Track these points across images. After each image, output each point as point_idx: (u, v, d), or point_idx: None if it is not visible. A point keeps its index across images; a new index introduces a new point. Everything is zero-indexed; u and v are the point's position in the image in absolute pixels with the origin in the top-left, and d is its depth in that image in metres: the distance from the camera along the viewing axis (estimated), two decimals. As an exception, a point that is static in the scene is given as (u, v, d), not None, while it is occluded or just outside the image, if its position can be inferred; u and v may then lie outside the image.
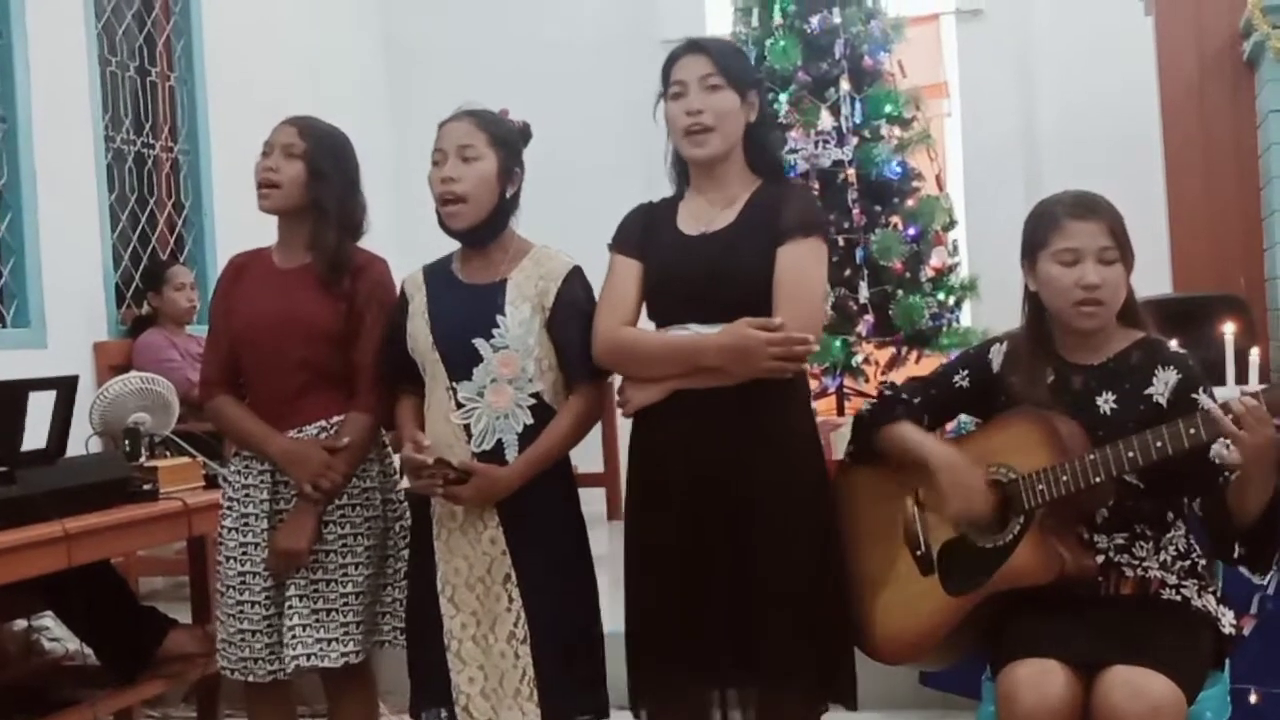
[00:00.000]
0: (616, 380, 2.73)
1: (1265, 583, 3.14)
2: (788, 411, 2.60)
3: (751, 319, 2.48)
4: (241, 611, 2.87)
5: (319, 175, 2.89)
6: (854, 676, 2.63)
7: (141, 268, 5.67)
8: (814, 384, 5.30)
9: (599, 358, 2.65)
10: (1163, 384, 2.47)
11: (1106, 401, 2.49)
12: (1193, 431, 2.30)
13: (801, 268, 2.55)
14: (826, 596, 2.59)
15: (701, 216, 2.65)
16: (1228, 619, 2.50)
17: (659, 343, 2.60)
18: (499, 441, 2.67)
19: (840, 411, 5.25)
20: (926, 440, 2.60)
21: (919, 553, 2.61)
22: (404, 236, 3.41)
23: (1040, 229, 2.53)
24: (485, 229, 2.74)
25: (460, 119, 2.75)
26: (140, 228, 5.82)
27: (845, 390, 5.38)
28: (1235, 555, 2.46)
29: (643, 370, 2.61)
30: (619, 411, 2.68)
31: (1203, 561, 2.52)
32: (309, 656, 2.80)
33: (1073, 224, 2.48)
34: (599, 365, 2.67)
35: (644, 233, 2.68)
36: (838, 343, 5.21)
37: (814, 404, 5.09)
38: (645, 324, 2.68)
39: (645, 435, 2.65)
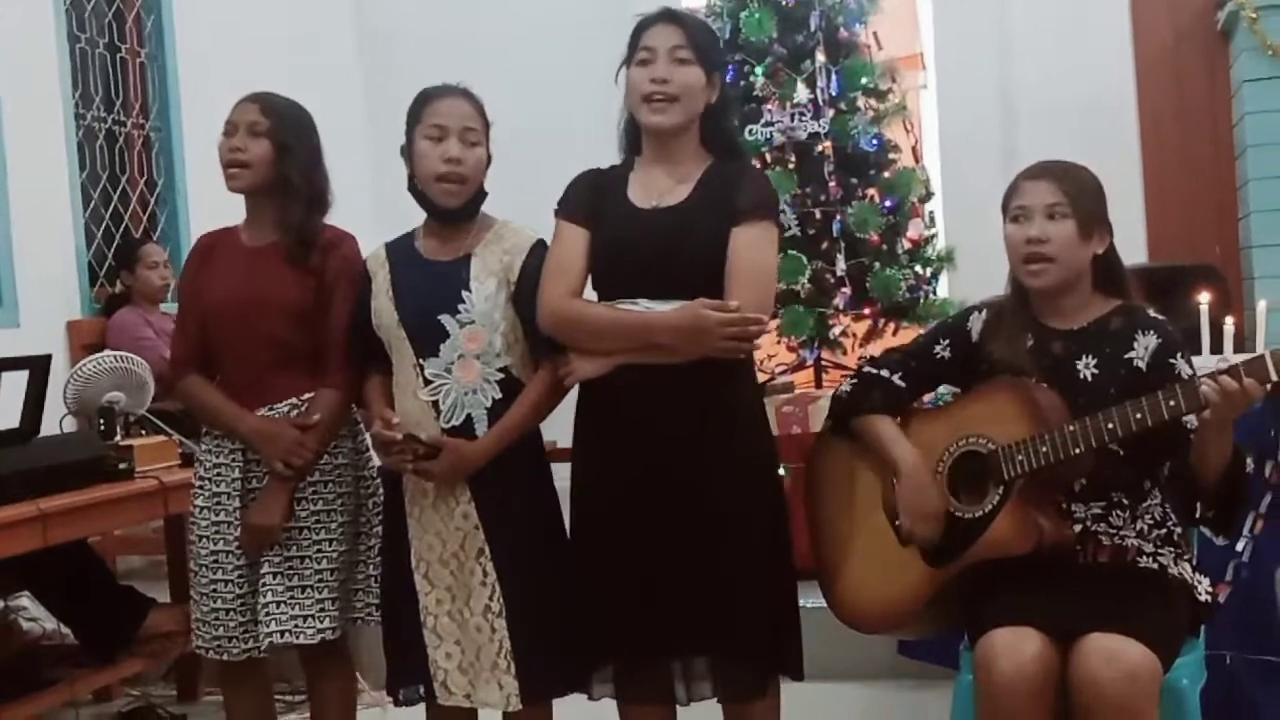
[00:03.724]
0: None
1: (1240, 550, 3.17)
2: (736, 388, 2.60)
3: (707, 300, 2.47)
4: (215, 590, 2.86)
5: (285, 151, 2.87)
6: (800, 648, 2.65)
7: (114, 246, 5.62)
8: (791, 356, 5.29)
9: (545, 327, 2.62)
10: (1143, 348, 2.48)
11: (1086, 366, 2.50)
12: (1172, 403, 2.31)
13: (756, 250, 2.55)
14: (774, 570, 2.60)
15: (653, 189, 2.62)
16: (1203, 586, 2.52)
17: (609, 317, 2.58)
18: (468, 417, 2.66)
19: (818, 384, 5.24)
20: (899, 442, 2.61)
21: (899, 523, 2.61)
22: (381, 213, 3.38)
23: (1006, 195, 2.58)
24: (470, 209, 2.74)
25: (460, 99, 2.73)
26: (112, 205, 5.77)
27: (823, 363, 5.38)
28: (1199, 516, 2.48)
29: (591, 343, 2.59)
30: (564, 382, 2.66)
31: (1178, 530, 2.54)
32: (284, 633, 2.79)
33: (1025, 183, 2.55)
34: (546, 333, 2.63)
35: (592, 200, 2.65)
36: (815, 316, 5.20)
37: (792, 376, 5.13)
38: (590, 294, 2.65)
39: (592, 408, 2.65)
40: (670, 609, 2.54)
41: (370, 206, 4.52)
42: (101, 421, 3.54)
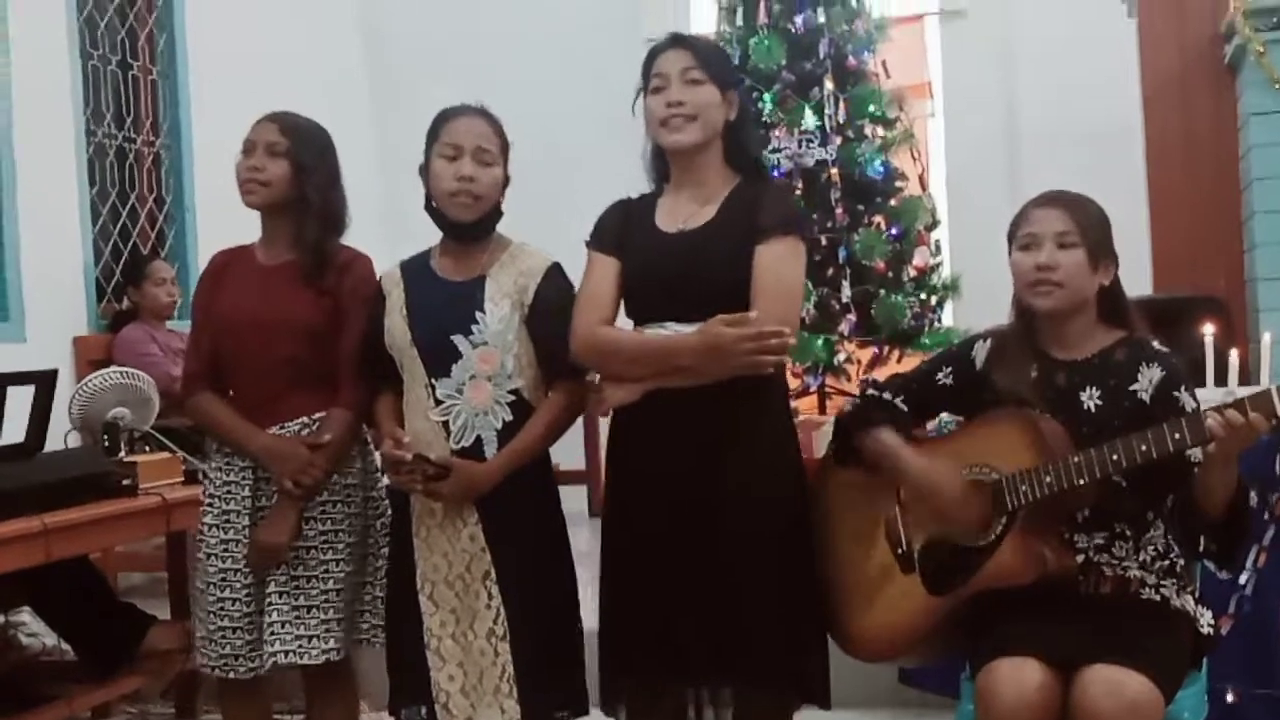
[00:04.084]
0: (598, 378, 2.72)
1: (1243, 583, 3.16)
2: (763, 411, 2.59)
3: (725, 315, 2.47)
4: (222, 609, 2.86)
5: (304, 172, 2.88)
6: (827, 676, 2.63)
7: (122, 262, 5.65)
8: (795, 383, 5.30)
9: (577, 356, 2.64)
10: (1147, 381, 2.48)
11: (1090, 397, 2.50)
12: (1177, 436, 2.31)
13: (779, 266, 2.54)
14: (801, 596, 2.59)
15: (680, 214, 2.63)
16: (1206, 619, 2.52)
17: (635, 342, 2.59)
18: (478, 438, 2.66)
19: (822, 410, 5.25)
20: (904, 453, 2.60)
21: (900, 551, 2.61)
22: (390, 231, 3.39)
23: (1014, 224, 2.59)
24: (485, 224, 2.75)
25: (477, 118, 2.74)
26: (121, 222, 5.79)
27: (827, 389, 5.39)
28: (1202, 549, 2.47)
29: (620, 369, 2.60)
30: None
31: (1181, 562, 2.53)
32: (289, 654, 2.79)
33: (1034, 211, 2.55)
34: (576, 363, 2.66)
35: (622, 230, 2.67)
36: (820, 342, 5.21)
37: (795, 403, 5.13)
38: (625, 322, 2.67)
39: (622, 434, 2.65)
40: (691, 633, 2.52)
41: (377, 224, 4.52)
42: (106, 437, 3.54)
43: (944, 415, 2.85)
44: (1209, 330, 3.35)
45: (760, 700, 2.57)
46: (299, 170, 2.87)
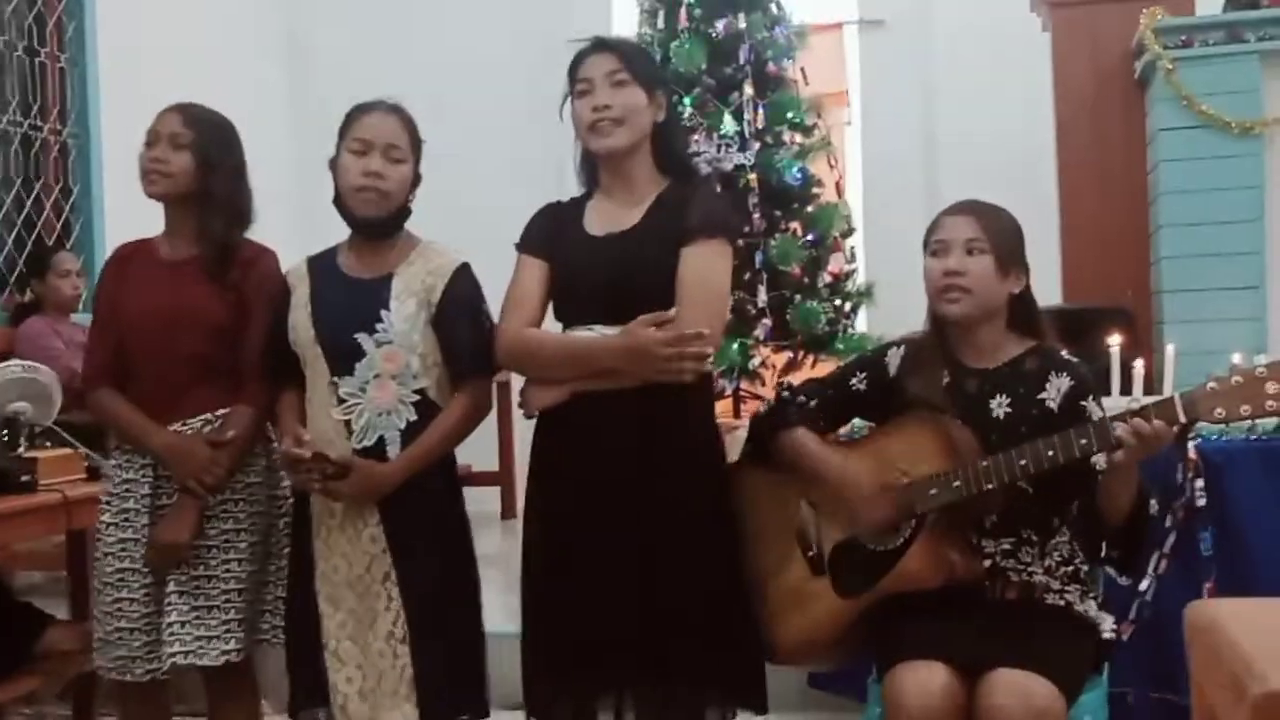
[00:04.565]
0: (516, 381, 2.70)
1: (1144, 589, 3.22)
2: (688, 413, 2.58)
3: (646, 316, 2.47)
4: (119, 609, 2.80)
5: (208, 165, 2.83)
6: (763, 679, 2.63)
7: (26, 253, 5.51)
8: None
9: (502, 358, 2.62)
10: (1055, 390, 2.51)
11: (1000, 405, 2.53)
12: (1084, 441, 2.35)
13: (703, 268, 2.53)
14: (735, 599, 2.58)
15: (609, 217, 2.63)
16: (1108, 624, 2.56)
17: (558, 344, 2.58)
18: (381, 438, 2.63)
19: (737, 414, 5.28)
20: (821, 452, 2.62)
21: (811, 554, 2.62)
22: (304, 228, 3.34)
23: (928, 231, 2.61)
24: (391, 222, 2.72)
25: (387, 114, 2.71)
26: (25, 212, 5.65)
27: (742, 393, 5.41)
28: (1104, 556, 2.52)
29: (543, 372, 2.59)
30: (520, 412, 2.66)
31: (1085, 568, 2.57)
32: (188, 654, 2.74)
33: (946, 219, 2.58)
34: (502, 366, 2.64)
35: (551, 233, 2.65)
36: (735, 346, 5.23)
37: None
38: (555, 325, 2.65)
39: (547, 437, 2.63)
40: (621, 637, 2.50)
41: (291, 220, 4.46)
42: (5, 432, 3.45)
43: (856, 421, 2.87)
44: (1116, 340, 3.41)
45: (692, 703, 2.56)
46: (203, 163, 2.83)
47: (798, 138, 5.69)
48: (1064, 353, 2.58)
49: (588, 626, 2.51)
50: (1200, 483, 3.22)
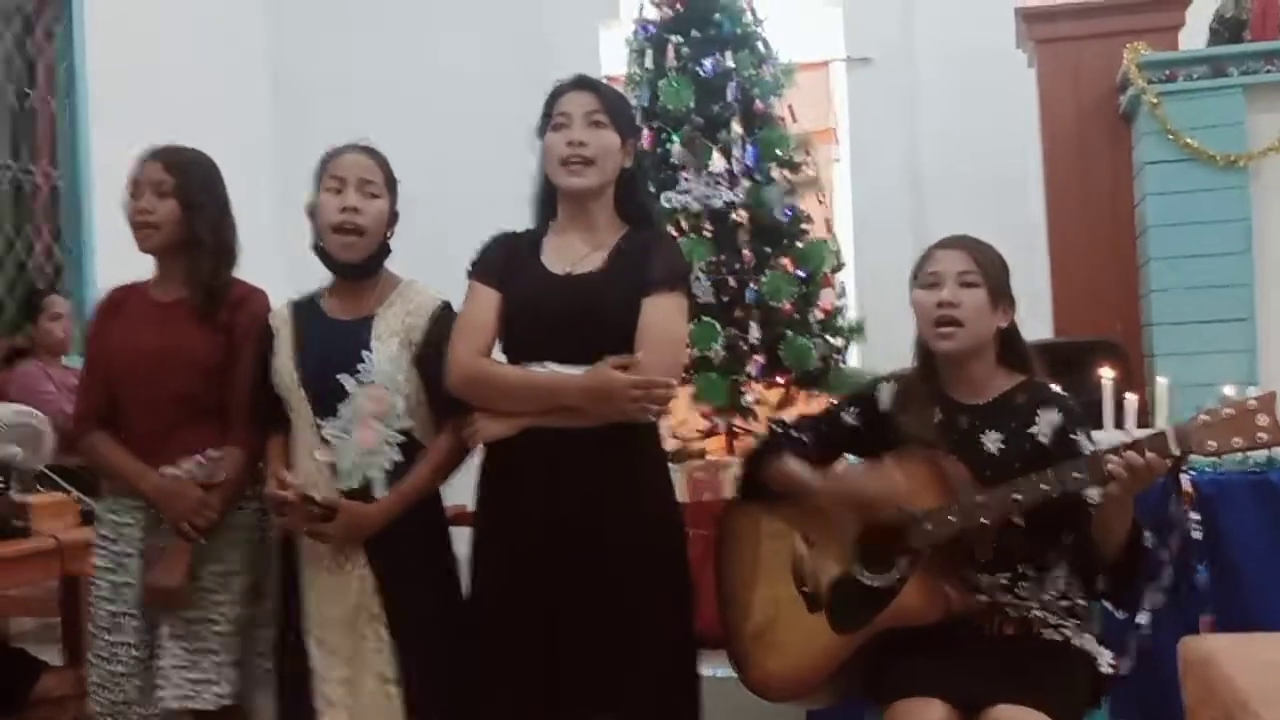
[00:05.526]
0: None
1: (1141, 623, 3.21)
2: (641, 453, 2.60)
3: (614, 358, 2.48)
4: (114, 654, 2.79)
5: (193, 209, 2.85)
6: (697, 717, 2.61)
7: (17, 297, 5.50)
8: (704, 423, 5.30)
9: (454, 385, 2.60)
10: (1045, 424, 2.52)
11: (992, 440, 2.53)
12: (1078, 476, 2.35)
13: (666, 318, 2.57)
14: (673, 636, 2.57)
15: (567, 255, 2.63)
16: (1105, 658, 2.56)
17: (519, 378, 2.56)
18: (367, 479, 2.63)
19: (730, 451, 5.26)
20: (812, 473, 2.62)
21: (806, 590, 2.62)
22: (291, 267, 3.34)
23: (918, 264, 2.63)
24: (371, 264, 2.73)
25: (360, 153, 2.73)
26: (15, 255, 5.65)
27: (735, 429, 5.40)
28: (1099, 589, 2.52)
29: (500, 403, 2.57)
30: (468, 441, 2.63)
31: (1082, 602, 2.57)
32: (181, 698, 2.72)
33: (938, 252, 2.60)
34: (456, 392, 2.61)
35: (505, 263, 2.65)
36: (727, 382, 5.23)
37: (704, 443, 5.14)
38: (500, 357, 2.64)
39: (496, 470, 2.62)
40: (567, 672, 2.50)
41: (280, 259, 4.45)
42: (-2, 477, 3.45)
43: (848, 457, 2.87)
44: (1107, 374, 3.42)
45: None
46: (188, 208, 2.84)
47: (787, 175, 5.70)
48: (1054, 387, 2.59)
49: (528, 661, 2.51)
50: (1196, 516, 3.22)
